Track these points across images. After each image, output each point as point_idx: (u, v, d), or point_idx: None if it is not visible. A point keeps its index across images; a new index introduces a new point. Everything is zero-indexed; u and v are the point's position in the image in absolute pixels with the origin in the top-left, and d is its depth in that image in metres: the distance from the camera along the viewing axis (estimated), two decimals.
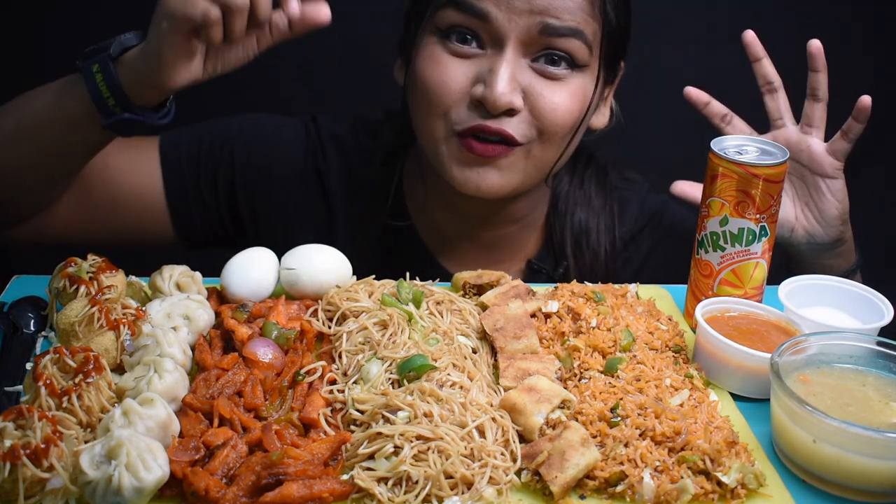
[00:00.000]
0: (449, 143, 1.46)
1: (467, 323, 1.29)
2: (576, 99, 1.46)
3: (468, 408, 1.06)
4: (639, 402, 1.09)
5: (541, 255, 1.71)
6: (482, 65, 1.42)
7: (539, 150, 1.47)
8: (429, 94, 1.44)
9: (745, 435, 1.13)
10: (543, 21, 1.39)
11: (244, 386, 1.12)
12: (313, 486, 0.97)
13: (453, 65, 1.43)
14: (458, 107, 1.43)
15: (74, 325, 1.16)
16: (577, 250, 1.67)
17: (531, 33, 1.39)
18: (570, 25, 1.40)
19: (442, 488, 0.97)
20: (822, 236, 1.56)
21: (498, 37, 1.40)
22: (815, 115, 1.52)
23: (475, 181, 1.47)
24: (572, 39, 1.41)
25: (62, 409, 1.02)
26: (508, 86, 1.39)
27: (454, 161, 1.47)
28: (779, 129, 1.56)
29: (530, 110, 1.43)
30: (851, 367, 1.15)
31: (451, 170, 1.47)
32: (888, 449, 0.99)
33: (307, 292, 1.34)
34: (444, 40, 1.44)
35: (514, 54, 1.40)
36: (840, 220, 1.55)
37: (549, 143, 1.47)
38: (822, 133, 1.54)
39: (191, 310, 1.24)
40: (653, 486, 1.00)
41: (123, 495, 0.93)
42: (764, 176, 1.26)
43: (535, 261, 1.69)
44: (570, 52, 1.42)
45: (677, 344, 1.27)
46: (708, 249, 1.33)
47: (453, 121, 1.44)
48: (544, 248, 1.71)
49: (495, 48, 1.41)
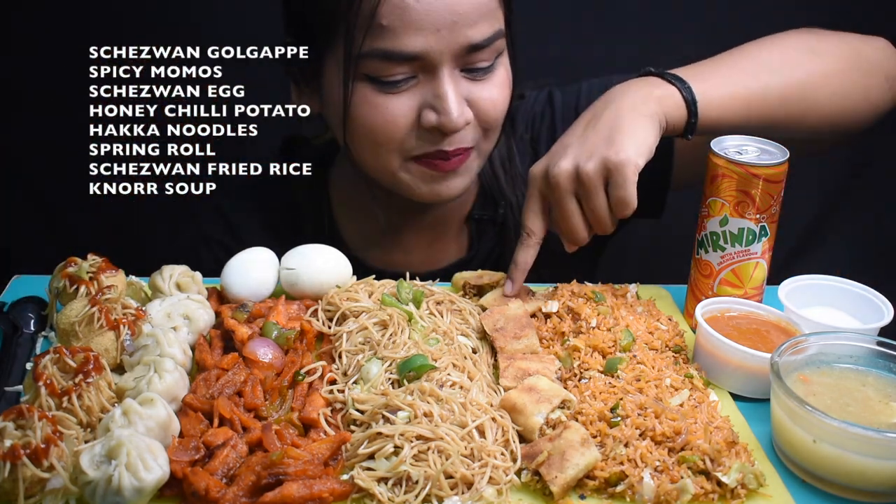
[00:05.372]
0: (407, 168, 1.45)
1: (467, 323, 1.29)
2: (505, 85, 1.46)
3: (468, 408, 1.06)
4: (639, 402, 1.09)
5: (480, 206, 1.70)
6: (423, 92, 1.39)
7: (486, 144, 1.49)
8: (376, 136, 1.42)
9: (745, 435, 1.13)
10: (470, 42, 1.36)
11: (244, 386, 1.12)
12: (313, 486, 0.97)
13: (393, 103, 1.39)
14: (411, 138, 1.42)
15: (74, 325, 1.16)
16: (506, 179, 1.67)
17: (461, 53, 1.38)
18: (490, 35, 1.38)
19: (442, 488, 0.97)
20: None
21: (430, 66, 1.38)
22: None
23: (444, 192, 1.48)
24: (496, 42, 1.40)
25: (62, 409, 1.02)
26: (459, 107, 1.38)
27: (419, 181, 1.46)
28: None
29: (475, 115, 1.43)
30: (851, 367, 1.15)
31: (416, 189, 1.47)
32: (888, 449, 0.99)
33: (307, 292, 1.34)
34: (376, 84, 1.39)
35: (449, 74, 1.38)
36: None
37: (493, 134, 1.49)
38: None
39: (191, 310, 1.24)
40: (653, 486, 1.00)
41: (123, 495, 0.93)
42: (764, 176, 1.26)
43: (474, 211, 1.68)
44: (495, 51, 1.42)
45: (677, 344, 1.27)
46: (708, 249, 1.33)
47: (407, 149, 1.43)
48: (481, 200, 1.70)
49: (428, 74, 1.39)
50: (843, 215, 2.34)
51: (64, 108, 1.55)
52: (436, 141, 1.41)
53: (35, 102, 2.16)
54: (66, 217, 2.31)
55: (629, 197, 1.23)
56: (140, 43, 1.48)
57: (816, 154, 1.58)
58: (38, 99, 2.16)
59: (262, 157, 1.54)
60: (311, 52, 1.47)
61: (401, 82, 1.39)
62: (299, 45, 1.48)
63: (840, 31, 1.53)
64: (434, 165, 1.44)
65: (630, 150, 1.23)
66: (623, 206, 1.24)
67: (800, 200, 1.72)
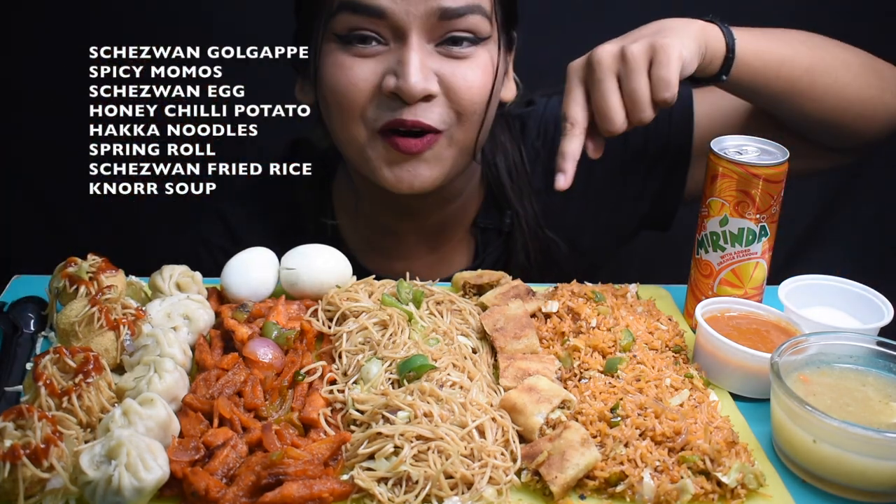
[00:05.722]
0: (373, 145, 1.45)
1: (467, 323, 1.29)
2: (486, 73, 1.45)
3: (468, 408, 1.06)
4: (639, 402, 1.09)
5: (486, 214, 1.70)
6: (389, 60, 1.41)
7: (461, 134, 1.47)
8: (340, 99, 1.43)
9: (745, 435, 1.13)
10: (441, 6, 1.37)
11: (244, 386, 1.12)
12: (313, 486, 0.97)
13: (359, 66, 1.41)
14: (372, 105, 1.42)
15: (74, 325, 1.16)
16: (514, 188, 1.66)
17: (431, 20, 1.38)
18: (467, 3, 1.39)
19: (442, 488, 0.97)
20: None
21: (399, 30, 1.39)
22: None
23: (407, 179, 1.46)
24: (472, 16, 1.40)
25: (62, 409, 1.02)
26: (421, 73, 1.38)
27: (382, 162, 1.46)
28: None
29: (445, 93, 1.42)
30: (851, 367, 1.15)
31: (381, 171, 1.47)
32: (888, 449, 0.99)
33: (307, 292, 1.34)
34: (345, 45, 1.42)
35: (418, 42, 1.39)
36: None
37: (468, 122, 1.46)
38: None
39: (191, 310, 1.24)
40: (653, 486, 1.00)
41: (123, 495, 0.93)
42: (764, 176, 1.26)
43: (479, 219, 1.68)
44: (472, 28, 1.41)
45: (677, 344, 1.27)
46: (708, 249, 1.33)
47: (371, 119, 1.43)
48: (486, 207, 1.70)
49: (398, 41, 1.40)
50: (843, 215, 2.34)
51: (64, 108, 1.56)
52: (394, 109, 1.41)
53: (35, 102, 2.16)
54: (66, 217, 2.31)
55: (671, 76, 1.24)
56: (140, 43, 1.48)
57: (817, 167, 1.59)
58: (38, 99, 2.16)
59: (263, 158, 1.54)
60: (304, 30, 1.49)
61: (368, 44, 1.40)
62: (299, 27, 1.49)
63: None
64: (395, 144, 1.43)
65: (676, 41, 1.26)
66: (664, 85, 1.24)
67: (800, 200, 1.72)
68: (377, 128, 1.43)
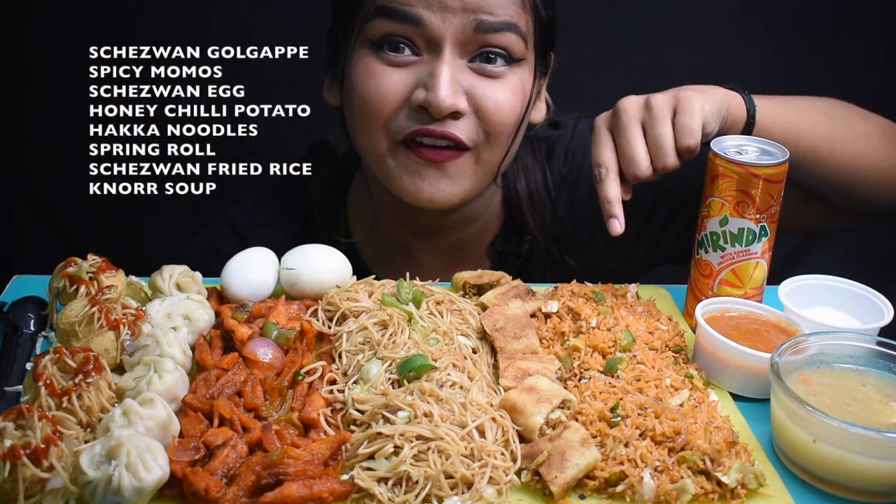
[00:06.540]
0: (395, 154, 1.44)
1: (467, 323, 1.29)
2: (516, 95, 1.45)
3: (468, 408, 1.06)
4: (639, 402, 1.09)
5: (504, 237, 1.69)
6: (420, 71, 1.40)
7: (487, 153, 1.46)
8: (367, 107, 1.42)
9: (745, 435, 1.13)
10: (478, 18, 1.37)
11: (244, 386, 1.12)
12: (313, 486, 0.97)
13: (390, 74, 1.40)
14: (399, 116, 1.41)
15: (74, 325, 1.16)
16: (534, 215, 1.65)
17: (466, 32, 1.38)
18: (504, 20, 1.39)
19: (442, 488, 0.97)
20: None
21: (433, 40, 1.38)
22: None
23: (428, 192, 1.45)
24: (507, 34, 1.40)
25: (62, 409, 1.02)
26: (451, 88, 1.37)
27: (403, 172, 1.45)
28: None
29: (475, 111, 1.42)
30: (851, 367, 1.15)
31: (401, 181, 1.45)
32: (888, 449, 0.99)
33: (307, 292, 1.34)
34: (378, 51, 1.41)
35: (451, 56, 1.38)
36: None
37: (496, 143, 1.46)
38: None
39: (191, 310, 1.24)
40: (653, 486, 1.00)
41: (123, 495, 0.93)
42: (764, 176, 1.26)
43: (498, 243, 1.67)
44: (507, 46, 1.41)
45: (677, 344, 1.27)
46: (708, 249, 1.33)
47: (395, 130, 1.42)
48: (505, 230, 1.69)
49: (431, 53, 1.39)
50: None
51: (64, 108, 1.56)
52: (422, 122, 1.40)
53: (35, 102, 2.16)
54: (66, 217, 2.32)
55: (695, 124, 1.26)
56: (140, 43, 1.48)
57: (835, 227, 1.62)
58: (38, 99, 2.16)
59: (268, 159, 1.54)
60: (338, 30, 1.49)
61: (401, 53, 1.39)
62: (334, 26, 1.50)
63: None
64: (420, 153, 1.42)
65: (699, 95, 1.29)
66: (688, 132, 1.26)
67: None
68: (400, 139, 1.42)
